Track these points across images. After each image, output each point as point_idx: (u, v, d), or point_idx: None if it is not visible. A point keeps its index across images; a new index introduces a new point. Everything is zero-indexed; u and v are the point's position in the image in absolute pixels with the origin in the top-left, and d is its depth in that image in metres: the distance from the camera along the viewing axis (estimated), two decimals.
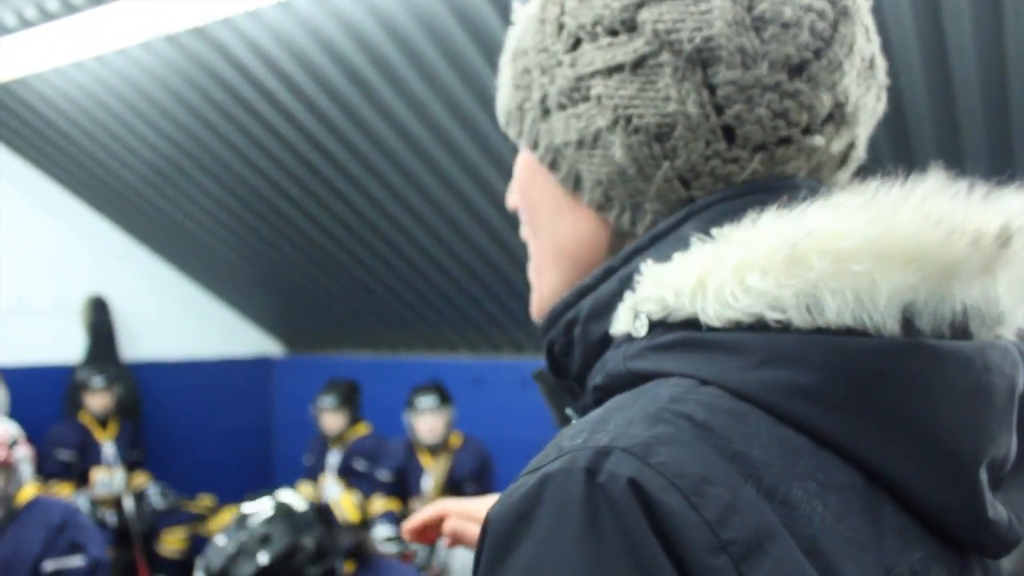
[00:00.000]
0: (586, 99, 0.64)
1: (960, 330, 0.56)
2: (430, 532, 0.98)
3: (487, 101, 3.82)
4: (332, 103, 4.14)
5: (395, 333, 6.15)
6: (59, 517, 3.05)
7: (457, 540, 0.96)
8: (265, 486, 6.55)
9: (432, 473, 4.70)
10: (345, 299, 5.93)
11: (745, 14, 0.60)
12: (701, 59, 0.60)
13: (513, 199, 0.76)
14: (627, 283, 0.61)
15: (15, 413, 4.54)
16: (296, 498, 2.15)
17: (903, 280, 0.53)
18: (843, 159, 0.67)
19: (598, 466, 0.49)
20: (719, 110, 0.61)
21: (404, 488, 4.77)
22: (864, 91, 0.65)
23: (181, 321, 6.31)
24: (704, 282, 0.56)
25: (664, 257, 0.60)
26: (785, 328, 0.54)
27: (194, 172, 5.03)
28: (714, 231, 0.59)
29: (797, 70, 0.61)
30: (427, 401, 4.68)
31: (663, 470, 0.49)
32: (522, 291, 5.07)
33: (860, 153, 0.68)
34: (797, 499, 0.50)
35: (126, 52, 4.14)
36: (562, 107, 0.66)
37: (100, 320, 5.71)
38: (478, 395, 5.59)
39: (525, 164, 0.72)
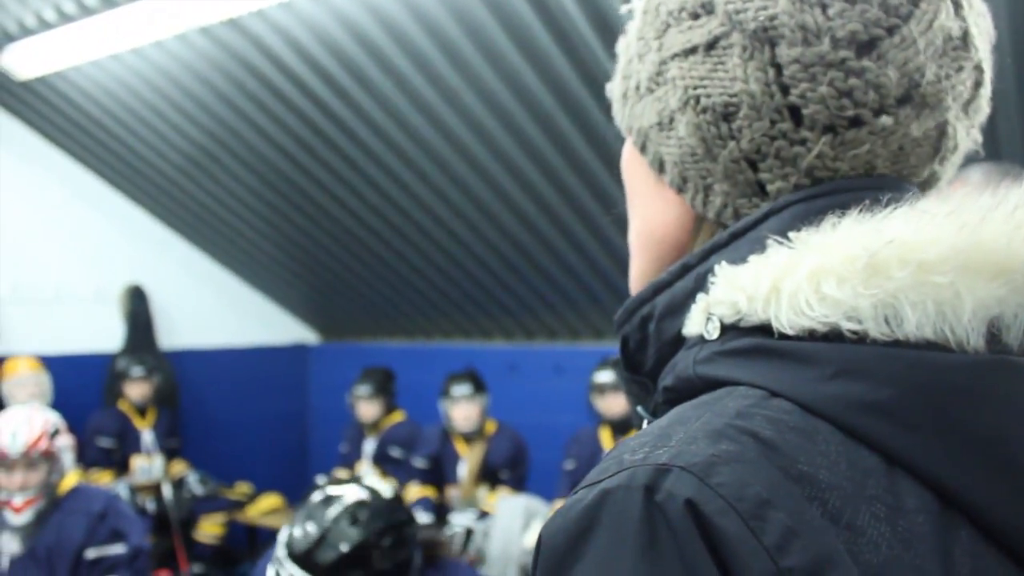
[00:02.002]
0: (665, 82, 0.64)
1: None
2: None
3: (519, 89, 3.81)
4: (365, 93, 4.14)
5: (429, 320, 6.16)
6: (101, 505, 3.08)
7: None
8: (301, 473, 6.62)
9: (467, 460, 4.71)
10: (379, 287, 5.96)
11: None
12: (767, 38, 0.59)
13: None
14: (702, 281, 0.60)
15: (56, 401, 4.62)
16: (382, 484, 2.13)
17: (989, 293, 0.51)
18: (936, 148, 0.63)
19: (657, 484, 0.48)
20: (785, 90, 0.59)
21: (439, 475, 4.79)
22: (952, 71, 0.61)
23: (217, 310, 6.37)
24: (778, 288, 0.54)
25: (739, 258, 0.58)
26: (861, 339, 0.52)
27: (229, 162, 5.06)
28: (792, 235, 0.56)
29: (866, 47, 0.58)
30: (462, 389, 4.68)
31: (723, 491, 0.47)
32: (555, 278, 5.06)
33: (959, 143, 0.64)
34: (864, 524, 0.48)
35: (162, 44, 4.16)
36: (649, 91, 0.66)
37: (138, 309, 5.78)
38: (512, 382, 5.59)
39: (626, 151, 0.72)
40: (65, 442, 3.15)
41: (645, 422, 0.66)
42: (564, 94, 3.76)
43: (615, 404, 4.36)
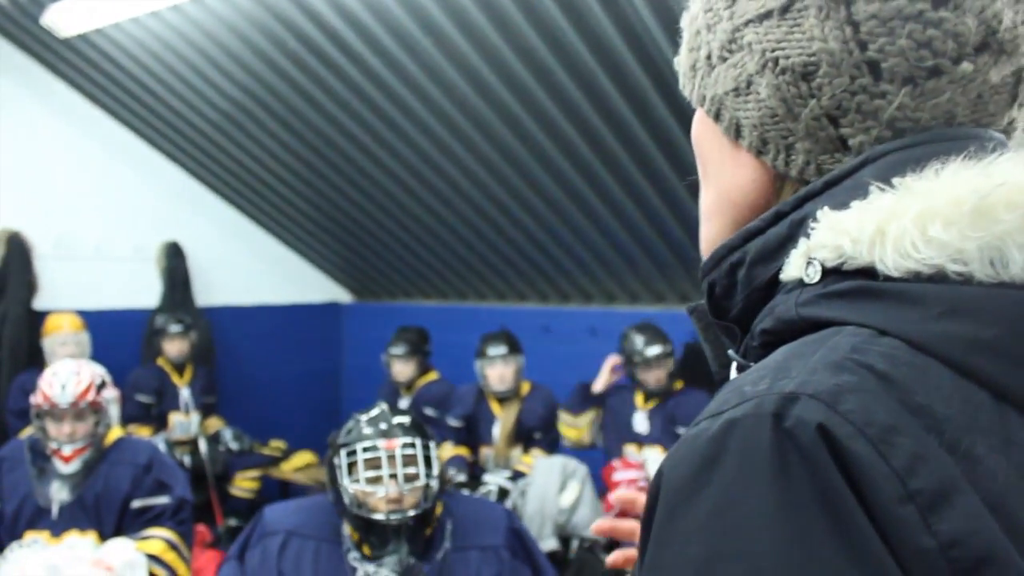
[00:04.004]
0: (740, 48, 0.66)
1: None
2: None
3: (559, 47, 3.78)
4: (405, 51, 4.13)
5: (463, 281, 6.18)
6: (146, 457, 3.14)
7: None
8: (334, 430, 6.69)
9: (501, 420, 4.74)
10: (414, 247, 5.97)
11: None
12: None
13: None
14: (797, 228, 0.61)
15: (95, 356, 4.68)
16: None
17: None
18: (1014, 95, 0.64)
19: (785, 411, 0.49)
20: (863, 46, 0.60)
21: (473, 435, 4.82)
22: None
23: (252, 267, 6.43)
24: (884, 231, 0.55)
25: (840, 204, 0.59)
26: (966, 281, 0.53)
27: (267, 120, 5.07)
28: (895, 180, 0.57)
29: None
30: (498, 349, 4.70)
31: (851, 418, 0.48)
32: (590, 240, 5.05)
33: None
34: (981, 454, 0.50)
35: (202, 1, 4.16)
36: (723, 59, 0.68)
37: (176, 266, 5.84)
38: (546, 343, 5.60)
39: (698, 120, 0.73)
40: (111, 395, 3.21)
41: (734, 365, 0.67)
42: (604, 53, 3.73)
43: (662, 373, 4.33)
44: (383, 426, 2.33)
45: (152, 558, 2.92)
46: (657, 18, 3.44)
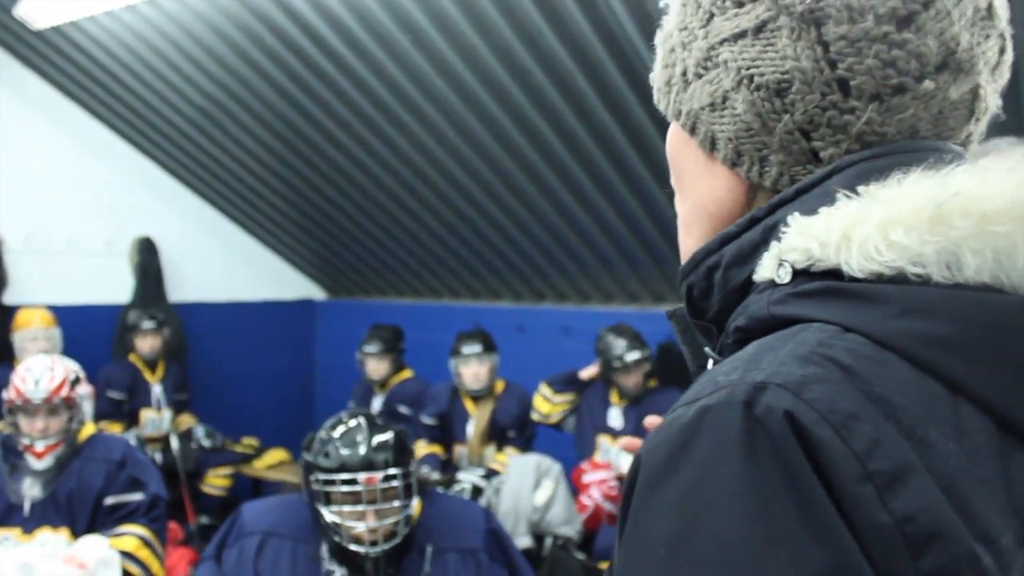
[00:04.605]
0: (716, 65, 0.70)
1: None
2: None
3: (536, 47, 3.80)
4: (382, 49, 4.13)
5: (437, 279, 6.18)
6: (120, 453, 3.13)
7: None
8: (306, 428, 6.67)
9: (475, 419, 4.76)
10: (388, 244, 5.97)
11: None
12: (814, 18, 0.65)
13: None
14: (770, 232, 0.65)
15: (67, 352, 4.64)
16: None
17: None
18: (971, 110, 0.69)
19: (755, 399, 0.53)
20: (832, 64, 0.64)
21: (447, 433, 4.83)
22: (981, 39, 0.67)
23: (225, 264, 6.39)
24: (849, 236, 0.59)
25: (810, 210, 0.63)
26: (924, 282, 0.57)
27: (242, 116, 5.05)
28: (860, 188, 0.61)
29: (905, 21, 0.64)
30: (472, 348, 4.71)
31: (816, 405, 0.52)
32: (565, 239, 5.08)
33: (988, 104, 0.70)
34: (934, 440, 0.53)
35: None
36: (698, 76, 0.71)
37: (148, 261, 5.80)
38: (520, 342, 5.62)
39: (673, 133, 0.77)
40: (85, 391, 3.19)
41: (711, 361, 0.72)
42: (582, 54, 3.75)
43: (639, 376, 4.38)
44: (362, 451, 2.24)
45: (126, 555, 2.91)
46: (634, 21, 3.46)
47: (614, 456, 4.30)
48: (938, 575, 0.51)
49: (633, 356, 4.34)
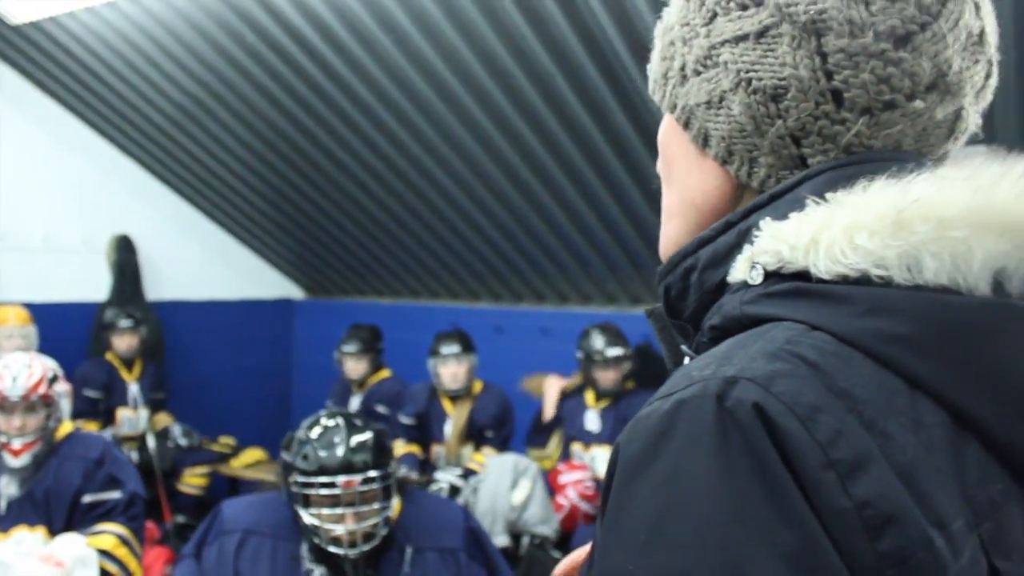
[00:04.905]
0: (716, 65, 0.72)
1: None
2: None
3: (518, 49, 3.82)
4: (363, 49, 4.14)
5: (416, 279, 6.19)
6: (98, 451, 3.12)
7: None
8: (284, 427, 6.66)
9: (453, 418, 4.77)
10: (368, 244, 5.97)
11: None
12: (815, 29, 0.67)
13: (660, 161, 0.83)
14: (744, 236, 0.68)
15: (42, 349, 4.62)
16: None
17: (996, 247, 0.59)
18: (951, 129, 0.72)
19: (726, 393, 0.57)
20: (829, 75, 0.67)
21: (425, 433, 4.85)
22: (970, 64, 0.70)
23: (203, 262, 6.37)
24: (817, 240, 0.62)
25: (781, 215, 0.66)
26: (887, 284, 0.60)
27: (222, 114, 5.04)
28: (828, 195, 0.64)
29: (902, 40, 0.67)
30: (451, 348, 4.73)
31: (783, 398, 0.56)
32: (544, 240, 5.10)
33: (968, 125, 0.73)
34: (893, 431, 0.57)
35: None
36: (697, 72, 0.73)
37: (126, 259, 5.77)
38: (498, 342, 5.64)
39: (667, 125, 0.79)
40: (63, 388, 3.18)
41: (687, 358, 0.75)
42: (563, 57, 3.77)
43: (618, 374, 4.43)
44: (340, 453, 2.24)
45: (103, 553, 2.90)
46: (616, 25, 3.49)
47: (589, 459, 4.34)
48: (894, 556, 0.54)
49: (613, 352, 4.40)
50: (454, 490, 4.32)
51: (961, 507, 0.58)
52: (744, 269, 0.66)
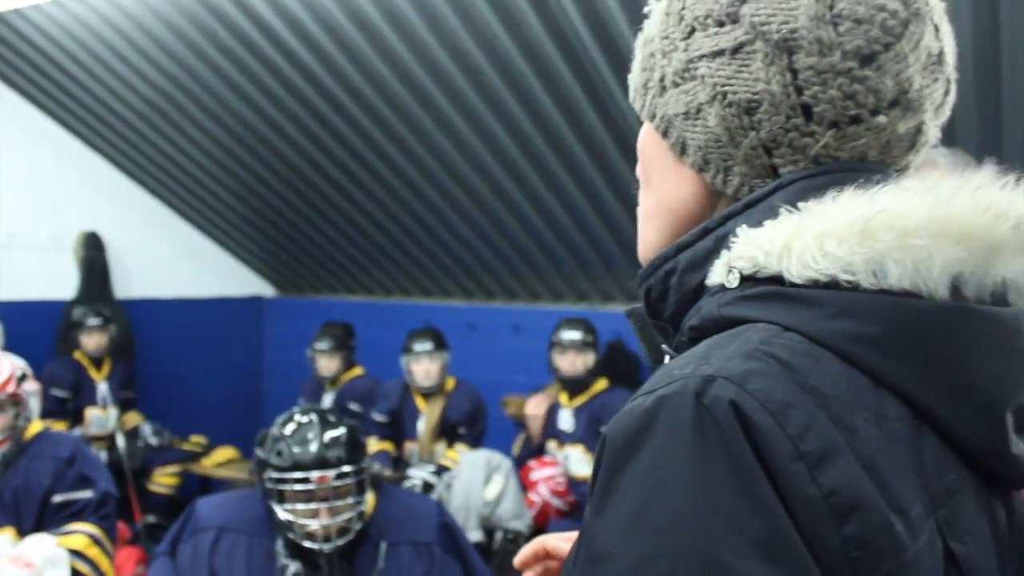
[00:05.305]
0: (693, 78, 0.76)
1: (1000, 299, 0.67)
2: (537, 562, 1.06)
3: (492, 50, 3.83)
4: (335, 45, 4.13)
5: (388, 277, 6.18)
6: (68, 451, 3.08)
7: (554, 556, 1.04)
8: (255, 426, 6.62)
9: (426, 415, 4.77)
10: (339, 242, 5.96)
11: (826, 11, 0.71)
12: (787, 47, 0.71)
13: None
14: (722, 242, 0.72)
15: (8, 348, 4.55)
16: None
17: (954, 255, 0.64)
18: (913, 142, 0.76)
19: (704, 390, 0.61)
20: (799, 90, 0.71)
21: (398, 430, 4.85)
22: (930, 82, 0.74)
23: (173, 259, 6.32)
24: (789, 246, 0.67)
25: (756, 223, 0.70)
26: (854, 288, 0.65)
27: (192, 110, 5.00)
28: (800, 204, 0.69)
29: (867, 59, 0.71)
30: (423, 345, 4.74)
31: (756, 395, 0.60)
32: (515, 238, 5.12)
33: (929, 139, 0.78)
34: (858, 425, 0.62)
35: None
36: (675, 84, 0.77)
37: (94, 256, 5.71)
38: (470, 340, 5.65)
39: (646, 133, 0.83)
40: (32, 387, 3.15)
41: (667, 357, 0.78)
42: (535, 56, 3.79)
43: (578, 362, 4.46)
44: (314, 449, 2.25)
45: (75, 553, 2.88)
46: (588, 26, 3.51)
47: (562, 457, 4.37)
48: (858, 540, 0.59)
49: (568, 335, 4.47)
50: (427, 486, 4.32)
51: (919, 494, 0.63)
52: (722, 273, 0.70)
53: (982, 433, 0.67)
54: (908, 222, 0.64)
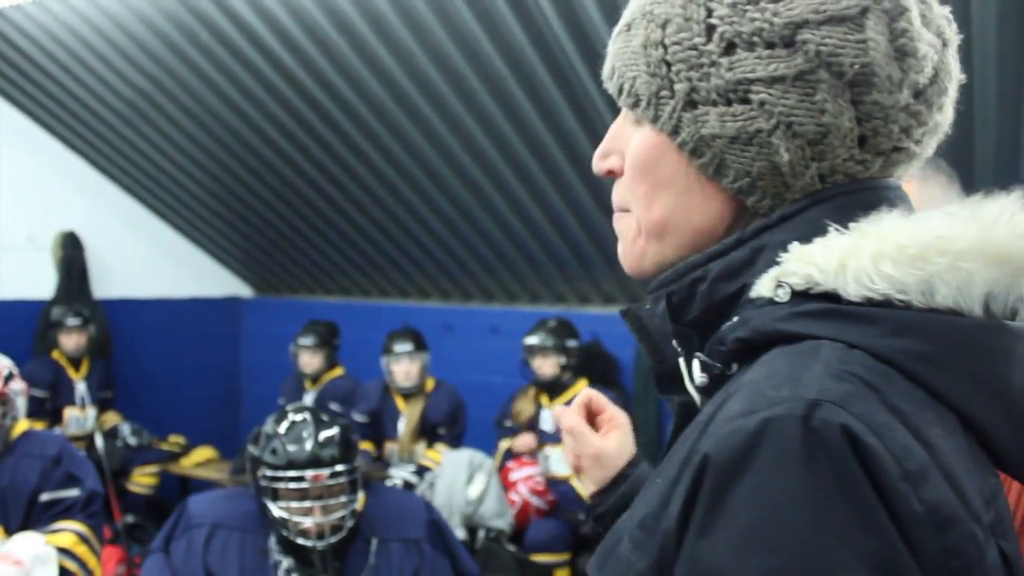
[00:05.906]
0: (745, 101, 0.74)
1: (1013, 314, 0.71)
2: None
3: (471, 52, 3.88)
4: (316, 47, 4.16)
5: (366, 278, 6.21)
6: (55, 449, 3.09)
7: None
8: (233, 426, 6.64)
9: (406, 416, 4.82)
10: (317, 243, 5.98)
11: (890, 47, 0.73)
12: (856, 81, 0.72)
13: (610, 164, 0.85)
14: (757, 254, 0.74)
15: None
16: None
17: (990, 275, 0.68)
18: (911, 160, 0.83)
19: (811, 414, 0.62)
20: (860, 123, 0.74)
21: (378, 430, 4.89)
22: (945, 112, 0.80)
23: (151, 260, 6.32)
24: (844, 264, 0.69)
25: (799, 237, 0.72)
26: (907, 307, 0.68)
27: (171, 110, 5.02)
28: (851, 224, 0.72)
29: (919, 94, 0.75)
30: (403, 346, 4.79)
31: (862, 419, 0.63)
32: (493, 240, 5.17)
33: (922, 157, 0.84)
34: (934, 440, 0.65)
35: None
36: (714, 103, 0.75)
37: (72, 256, 5.70)
38: (448, 341, 5.70)
39: (651, 143, 0.80)
40: (19, 387, 3.15)
41: (695, 362, 0.78)
42: (515, 60, 3.84)
43: (546, 365, 4.54)
44: (309, 447, 2.29)
45: (63, 551, 2.89)
46: (567, 29, 3.57)
47: (543, 457, 4.43)
48: (955, 550, 0.62)
49: (530, 340, 4.59)
50: (408, 486, 4.37)
51: (981, 502, 0.67)
52: (769, 287, 0.71)
53: (1018, 442, 0.71)
54: (958, 246, 0.68)
